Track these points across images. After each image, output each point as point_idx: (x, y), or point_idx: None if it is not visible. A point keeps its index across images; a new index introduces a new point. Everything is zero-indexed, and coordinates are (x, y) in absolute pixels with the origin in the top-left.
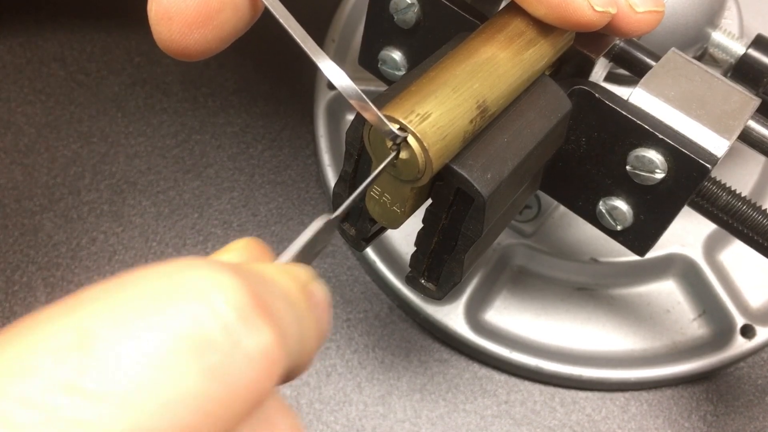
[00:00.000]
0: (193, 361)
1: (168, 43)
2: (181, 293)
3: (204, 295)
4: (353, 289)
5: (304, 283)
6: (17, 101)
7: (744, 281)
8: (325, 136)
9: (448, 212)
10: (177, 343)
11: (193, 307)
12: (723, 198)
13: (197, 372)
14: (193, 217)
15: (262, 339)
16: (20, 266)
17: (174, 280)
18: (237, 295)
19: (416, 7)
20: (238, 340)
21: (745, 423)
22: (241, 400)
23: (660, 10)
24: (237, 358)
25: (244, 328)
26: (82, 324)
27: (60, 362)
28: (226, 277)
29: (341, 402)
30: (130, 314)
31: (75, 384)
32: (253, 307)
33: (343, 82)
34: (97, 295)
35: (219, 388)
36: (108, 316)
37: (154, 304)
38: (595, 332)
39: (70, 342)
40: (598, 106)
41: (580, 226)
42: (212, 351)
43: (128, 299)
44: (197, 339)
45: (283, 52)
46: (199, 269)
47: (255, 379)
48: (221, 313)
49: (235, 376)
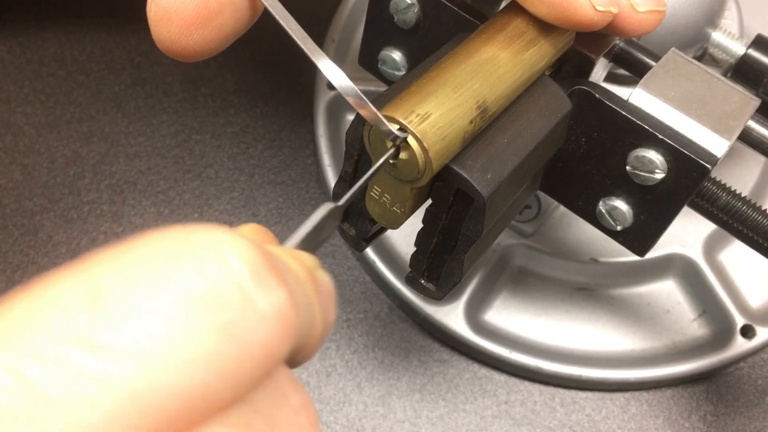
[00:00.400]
0: (206, 318)
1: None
2: (194, 252)
3: (218, 253)
4: (353, 289)
5: (310, 268)
6: (17, 101)
7: (744, 281)
8: (325, 136)
9: (448, 212)
10: (191, 300)
11: (207, 265)
12: (723, 198)
13: (211, 329)
14: (193, 217)
15: (275, 298)
16: (20, 266)
17: (188, 239)
18: (250, 255)
19: (416, 7)
20: (252, 299)
21: (745, 423)
22: (254, 360)
23: (661, 10)
24: (251, 317)
25: (258, 287)
26: (94, 281)
27: (72, 317)
28: (239, 238)
29: (341, 402)
30: (144, 271)
31: (88, 338)
32: (267, 268)
33: (342, 83)
34: (110, 254)
35: (233, 346)
36: (121, 273)
37: (167, 261)
38: (595, 332)
39: (82, 297)
40: (598, 106)
41: (580, 226)
42: (226, 308)
43: (141, 257)
44: (211, 296)
45: (283, 52)
46: (213, 231)
47: (268, 339)
48: (235, 271)
49: (248, 334)
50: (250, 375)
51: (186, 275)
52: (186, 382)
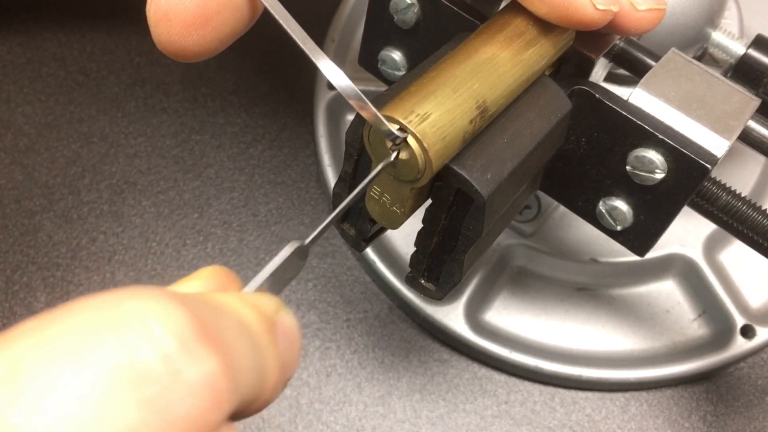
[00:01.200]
0: (130, 392)
1: (167, 45)
2: (118, 323)
3: (143, 324)
4: (353, 289)
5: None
6: (17, 101)
7: (744, 281)
8: (325, 136)
9: (448, 212)
10: (113, 374)
11: (131, 337)
12: (723, 198)
13: (134, 404)
14: (193, 217)
15: (205, 368)
16: (20, 266)
17: (112, 310)
18: (178, 323)
19: (416, 7)
20: (179, 370)
21: (745, 423)
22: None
23: (662, 8)
24: (177, 389)
25: (186, 357)
26: (12, 357)
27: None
28: (168, 305)
29: (341, 402)
30: (64, 346)
31: (4, 418)
32: (196, 336)
33: (342, 83)
34: (32, 327)
35: (159, 421)
36: (41, 349)
37: (89, 335)
38: (595, 332)
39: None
40: (598, 106)
41: (580, 226)
42: (151, 382)
43: (63, 331)
44: (135, 369)
45: (283, 52)
46: (140, 299)
47: (198, 410)
48: (161, 341)
49: (176, 407)
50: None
51: (109, 348)
52: None
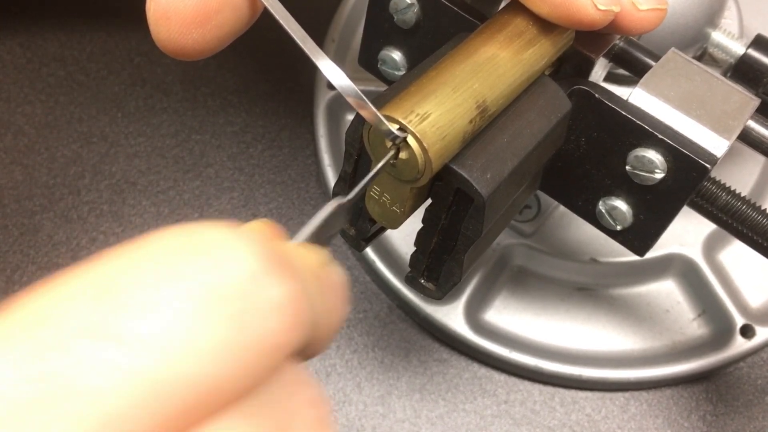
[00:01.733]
0: (217, 308)
1: (166, 43)
2: (204, 246)
3: (227, 246)
4: (353, 289)
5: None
6: (17, 101)
7: (744, 281)
8: (325, 136)
9: (448, 212)
10: (201, 291)
11: (217, 257)
12: (723, 198)
13: (222, 319)
14: (193, 217)
15: (285, 288)
16: (20, 266)
17: (197, 235)
18: (260, 247)
19: (416, 7)
20: (262, 289)
21: (744, 423)
22: (266, 351)
23: (663, 8)
24: (262, 306)
25: (269, 277)
26: (108, 276)
27: (88, 308)
28: (248, 232)
29: (341, 402)
30: (155, 266)
31: (104, 329)
32: (277, 260)
33: (342, 82)
34: (121, 251)
35: (244, 336)
36: (133, 268)
37: (176, 255)
38: (595, 332)
39: (97, 291)
40: (597, 106)
41: (580, 226)
42: (237, 299)
43: (152, 253)
44: (222, 287)
45: (283, 52)
46: (222, 227)
47: (279, 328)
48: (244, 263)
49: (259, 324)
50: (261, 364)
51: (196, 267)
52: (199, 371)
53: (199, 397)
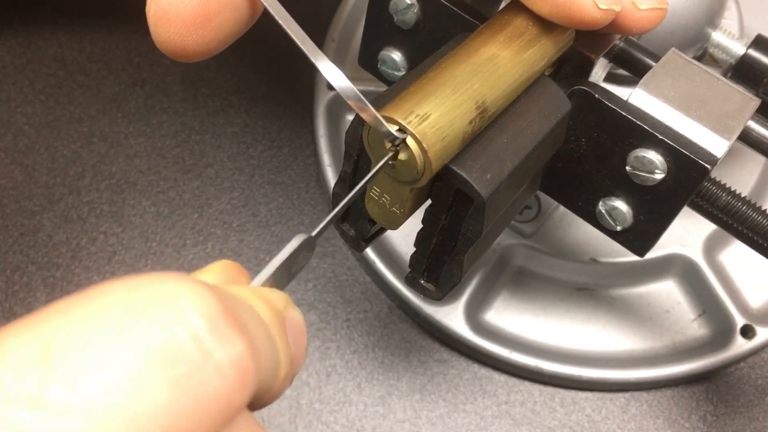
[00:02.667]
0: (161, 372)
1: (166, 44)
2: (150, 304)
3: (174, 305)
4: (353, 289)
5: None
6: (17, 101)
7: (744, 281)
8: (325, 137)
9: (448, 213)
10: (145, 354)
11: (162, 318)
12: (723, 198)
13: (166, 384)
14: (193, 217)
15: (233, 350)
16: (20, 266)
17: (143, 291)
18: (208, 305)
19: (416, 7)
20: (209, 351)
21: (745, 423)
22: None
23: (663, 7)
24: (207, 369)
25: (215, 338)
26: (46, 337)
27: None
28: (197, 288)
29: (341, 402)
30: (97, 326)
31: (38, 398)
32: (225, 318)
33: (341, 83)
34: (64, 308)
35: (189, 400)
36: (73, 328)
37: (121, 315)
38: (595, 332)
39: (33, 355)
40: (597, 106)
41: (580, 226)
42: (182, 362)
43: (95, 311)
44: (166, 350)
45: (283, 52)
46: (170, 282)
47: (226, 391)
48: (191, 323)
49: (205, 387)
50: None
51: (140, 328)
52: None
53: None
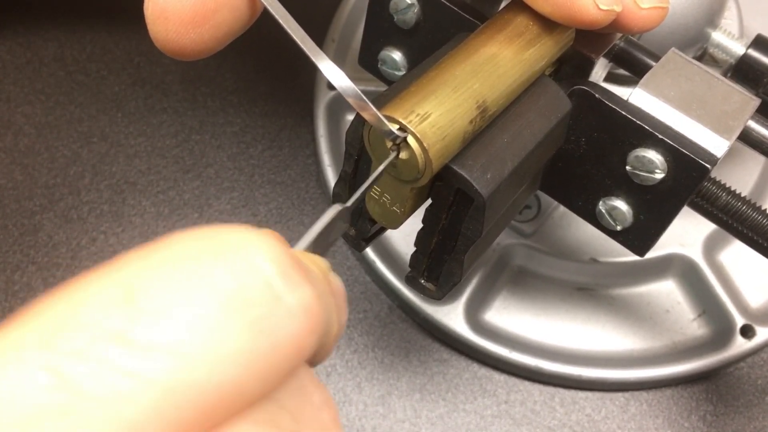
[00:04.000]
0: (238, 314)
1: (164, 43)
2: (223, 250)
3: (246, 252)
4: (353, 289)
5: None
6: (17, 101)
7: (744, 281)
8: (325, 136)
9: (448, 212)
10: (222, 297)
11: (236, 263)
12: (723, 198)
13: (242, 325)
14: (193, 217)
15: (302, 294)
16: (20, 266)
17: (216, 239)
18: (276, 253)
19: (416, 7)
20: (280, 295)
21: (745, 423)
22: (284, 355)
23: (664, 6)
24: (280, 312)
25: (285, 283)
26: (128, 280)
27: (108, 315)
28: (265, 237)
29: (341, 402)
30: (175, 270)
31: (125, 335)
32: (293, 265)
33: (342, 83)
34: (141, 254)
35: (265, 341)
36: (153, 272)
37: (197, 260)
38: (595, 332)
39: (117, 296)
40: (597, 106)
41: (580, 226)
42: (256, 305)
43: (172, 257)
44: (241, 293)
45: (283, 52)
46: (240, 231)
47: (297, 334)
48: (263, 268)
49: (278, 330)
50: (279, 369)
51: (216, 273)
52: (219, 378)
53: (218, 403)
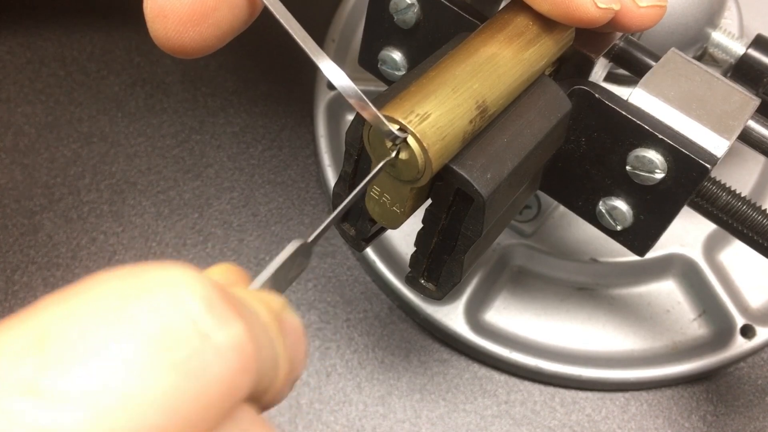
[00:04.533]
0: (160, 356)
1: (164, 41)
2: (145, 290)
3: (169, 289)
4: (353, 289)
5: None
6: (17, 101)
7: (744, 281)
8: (325, 136)
9: (448, 212)
10: (143, 338)
11: (158, 302)
12: (723, 198)
13: (165, 367)
14: (193, 217)
15: (231, 332)
16: (20, 266)
17: (138, 278)
18: (204, 289)
19: (416, 7)
20: (208, 333)
21: (745, 423)
22: (215, 398)
23: (662, 4)
24: (207, 352)
25: (213, 320)
26: (41, 326)
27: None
28: (191, 273)
29: (341, 402)
30: (92, 314)
31: (34, 386)
32: (221, 302)
33: (342, 82)
34: (59, 299)
35: (191, 384)
36: (69, 316)
37: (116, 302)
38: (595, 332)
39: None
40: (597, 106)
41: (580, 226)
42: (181, 345)
43: (90, 299)
44: (164, 333)
45: (284, 52)
46: (164, 268)
47: (227, 374)
48: (189, 306)
49: (206, 370)
50: (210, 413)
51: (137, 313)
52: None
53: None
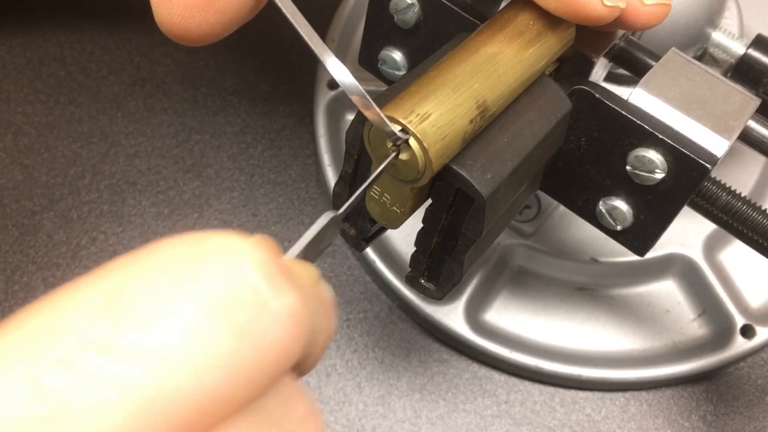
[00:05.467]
0: (223, 320)
1: (169, 27)
2: (209, 256)
3: (232, 257)
4: (353, 289)
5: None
6: (17, 101)
7: (744, 281)
8: (325, 136)
9: (448, 212)
10: (207, 303)
11: (221, 269)
12: (723, 198)
13: (227, 331)
14: (193, 217)
15: (287, 301)
16: (20, 266)
17: (202, 245)
18: (263, 258)
19: (416, 7)
20: (266, 301)
21: (745, 423)
22: (269, 362)
23: (668, 3)
24: (265, 318)
25: (271, 289)
26: (113, 287)
27: (91, 323)
28: (252, 243)
29: (341, 402)
30: (160, 276)
31: (108, 344)
32: (279, 271)
33: (347, 80)
34: (127, 261)
35: (249, 347)
36: (139, 279)
37: (182, 266)
38: (595, 332)
39: (101, 304)
40: (598, 106)
41: (580, 226)
42: (242, 310)
43: (158, 263)
44: (226, 299)
45: (284, 52)
46: (226, 236)
47: (283, 339)
48: (249, 274)
49: (263, 335)
50: (264, 376)
51: (201, 278)
52: (204, 384)
53: (202, 410)
